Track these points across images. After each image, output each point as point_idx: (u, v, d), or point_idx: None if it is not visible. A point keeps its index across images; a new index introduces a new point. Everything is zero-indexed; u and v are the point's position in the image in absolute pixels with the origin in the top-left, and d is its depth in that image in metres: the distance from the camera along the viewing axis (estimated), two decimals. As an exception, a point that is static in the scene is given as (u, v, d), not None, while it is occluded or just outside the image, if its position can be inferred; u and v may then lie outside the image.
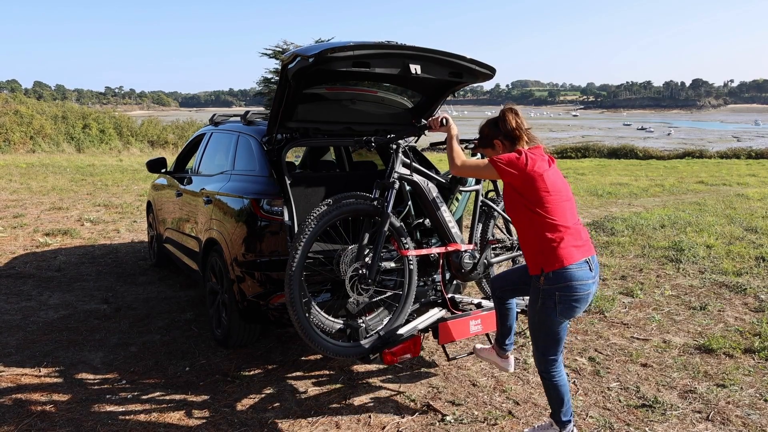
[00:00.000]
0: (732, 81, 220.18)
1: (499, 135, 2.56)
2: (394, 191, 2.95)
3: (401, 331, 3.01)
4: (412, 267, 3.08)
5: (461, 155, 2.61)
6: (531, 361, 3.57)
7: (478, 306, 3.39)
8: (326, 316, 2.95)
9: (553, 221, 2.36)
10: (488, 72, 3.45)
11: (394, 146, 3.05)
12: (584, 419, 2.88)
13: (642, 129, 74.98)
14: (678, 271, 5.48)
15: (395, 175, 2.99)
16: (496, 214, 3.58)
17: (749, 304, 4.55)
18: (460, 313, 3.27)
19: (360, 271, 2.83)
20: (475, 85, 3.81)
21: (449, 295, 3.42)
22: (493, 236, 3.54)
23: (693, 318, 4.30)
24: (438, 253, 3.22)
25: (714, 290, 4.90)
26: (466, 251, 3.21)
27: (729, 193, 10.72)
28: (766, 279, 5.13)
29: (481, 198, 3.50)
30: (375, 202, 2.91)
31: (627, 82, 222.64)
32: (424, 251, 3.14)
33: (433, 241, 3.47)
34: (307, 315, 2.75)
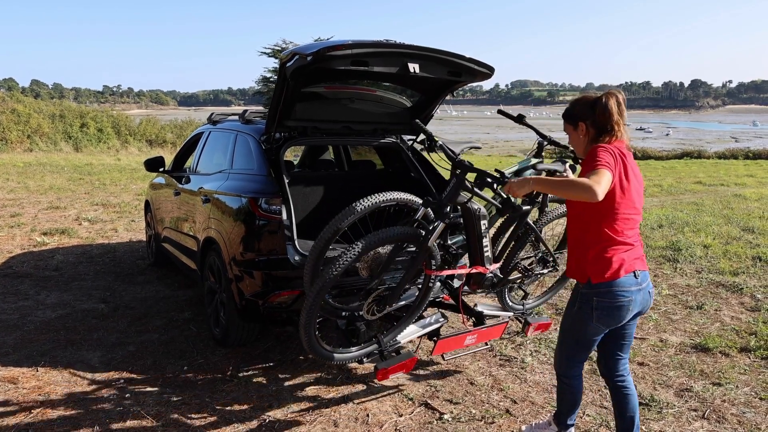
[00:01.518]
0: (730, 82, 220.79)
1: (588, 119, 2.24)
2: (445, 225, 2.69)
3: (400, 336, 3.02)
4: (431, 285, 2.96)
5: (587, 182, 1.99)
6: (528, 359, 3.58)
7: (479, 317, 3.33)
8: (331, 302, 2.97)
9: (616, 236, 2.17)
10: (487, 71, 3.46)
11: (458, 170, 2.70)
12: (581, 417, 2.89)
13: (641, 129, 75.06)
14: (675, 270, 5.49)
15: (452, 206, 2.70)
16: (531, 235, 3.33)
17: (745, 303, 4.57)
18: (459, 329, 3.25)
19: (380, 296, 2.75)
20: (474, 84, 3.82)
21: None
22: (520, 264, 3.31)
23: (690, 317, 4.31)
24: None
25: (711, 290, 4.92)
26: (490, 273, 3.02)
27: (726, 194, 10.74)
28: (763, 278, 5.15)
29: (528, 219, 3.23)
30: (421, 230, 2.67)
31: (626, 83, 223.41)
32: (448, 272, 2.95)
33: (456, 237, 3.37)
34: (318, 334, 2.69)
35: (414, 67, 3.15)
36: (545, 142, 3.32)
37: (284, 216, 3.32)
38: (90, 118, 22.88)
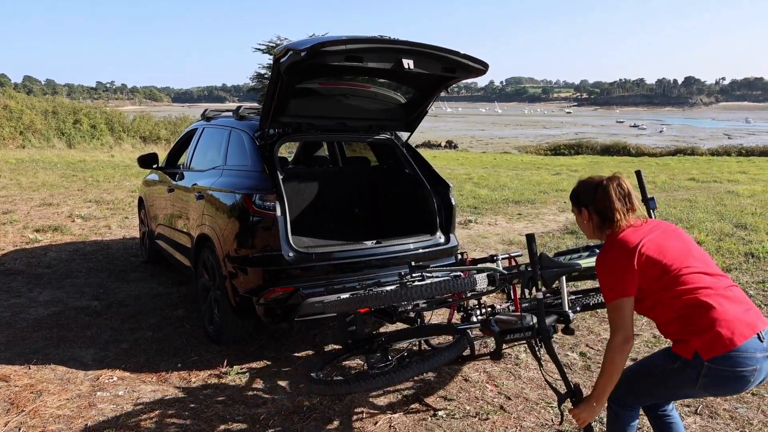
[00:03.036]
0: (724, 79, 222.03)
1: (590, 205, 2.08)
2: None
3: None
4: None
5: (615, 345, 1.90)
6: (522, 356, 3.59)
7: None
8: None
9: (697, 295, 1.84)
10: (481, 67, 3.45)
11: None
12: (575, 414, 2.90)
13: (635, 126, 75.40)
14: (669, 267, 5.51)
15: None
16: None
17: (739, 299, 4.60)
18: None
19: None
20: (469, 81, 3.83)
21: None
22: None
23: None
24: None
25: (704, 286, 4.94)
26: None
27: (719, 190, 10.81)
28: (755, 274, 5.18)
29: None
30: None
31: (620, 80, 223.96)
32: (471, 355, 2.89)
33: None
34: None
35: (408, 63, 3.14)
36: None
37: (278, 212, 3.30)
38: (83, 115, 22.69)
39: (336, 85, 3.66)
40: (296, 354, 3.67)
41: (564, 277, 2.41)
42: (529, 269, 2.34)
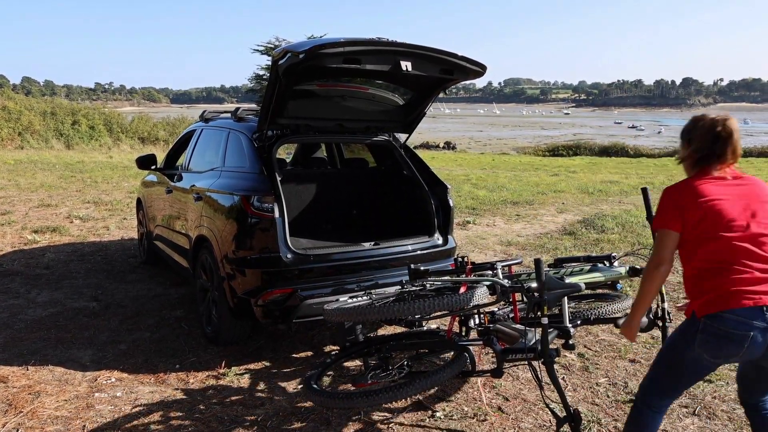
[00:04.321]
0: (722, 80, 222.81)
1: (691, 140, 2.05)
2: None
3: None
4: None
5: (649, 267, 2.03)
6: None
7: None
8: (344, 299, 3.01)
9: (714, 258, 1.88)
10: (479, 69, 3.47)
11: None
12: (573, 414, 2.90)
13: (633, 127, 75.50)
14: (667, 268, 5.51)
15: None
16: None
17: (736, 300, 4.61)
18: None
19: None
20: (467, 82, 3.83)
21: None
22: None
23: (681, 315, 4.33)
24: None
25: (702, 287, 4.95)
26: None
27: (717, 191, 10.82)
28: (753, 276, 5.19)
29: None
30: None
31: (618, 81, 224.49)
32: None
33: None
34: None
35: (406, 65, 3.16)
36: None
37: (277, 214, 3.31)
38: (82, 116, 22.68)
39: (334, 87, 3.67)
40: (294, 355, 3.67)
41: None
42: (535, 293, 2.36)
